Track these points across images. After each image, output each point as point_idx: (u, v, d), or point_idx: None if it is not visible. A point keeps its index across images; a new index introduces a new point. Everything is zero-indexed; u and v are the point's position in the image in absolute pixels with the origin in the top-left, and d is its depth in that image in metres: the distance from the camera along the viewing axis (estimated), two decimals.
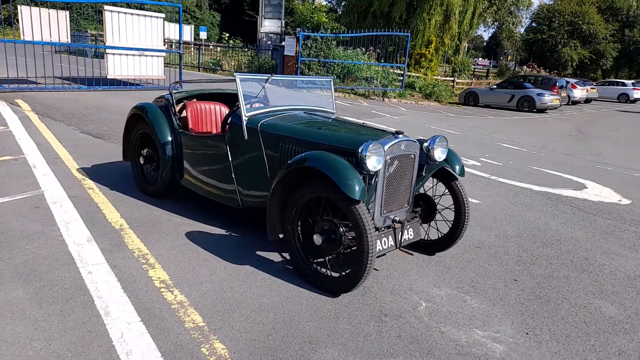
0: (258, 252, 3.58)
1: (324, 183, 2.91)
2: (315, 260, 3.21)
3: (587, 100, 27.35)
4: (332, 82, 4.54)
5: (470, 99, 21.64)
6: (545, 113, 19.83)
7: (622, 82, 31.73)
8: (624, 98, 30.20)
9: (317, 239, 2.96)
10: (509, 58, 67.66)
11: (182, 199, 4.56)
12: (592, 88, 27.92)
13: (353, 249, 2.94)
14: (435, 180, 3.76)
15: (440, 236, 3.72)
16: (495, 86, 21.92)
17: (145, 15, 12.10)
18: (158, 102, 4.55)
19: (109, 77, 11.75)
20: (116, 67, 11.78)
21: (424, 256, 3.72)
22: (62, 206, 4.17)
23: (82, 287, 2.88)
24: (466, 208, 3.53)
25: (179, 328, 2.55)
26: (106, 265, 3.17)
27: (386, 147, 3.02)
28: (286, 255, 3.55)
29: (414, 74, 22.76)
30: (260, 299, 2.90)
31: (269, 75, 3.99)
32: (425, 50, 23.93)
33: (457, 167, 3.57)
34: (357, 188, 2.72)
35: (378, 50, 20.89)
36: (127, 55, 11.92)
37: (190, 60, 22.64)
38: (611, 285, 3.51)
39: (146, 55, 12.35)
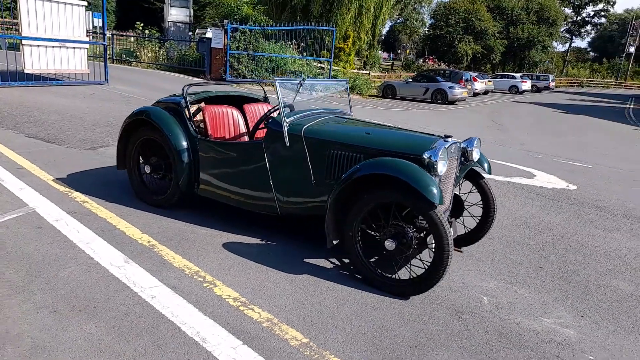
0: (306, 260, 3.55)
1: (400, 189, 2.98)
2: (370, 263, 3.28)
3: (485, 92, 29.97)
4: (347, 83, 4.58)
5: (388, 91, 22.65)
6: (456, 104, 21.40)
7: (512, 75, 35.19)
8: (514, 89, 33.51)
9: (390, 244, 3.03)
10: (407, 52, 71.56)
11: (192, 208, 4.33)
12: (489, 81, 30.62)
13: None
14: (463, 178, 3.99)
15: (466, 231, 3.97)
16: (411, 80, 23.18)
17: (65, 3, 10.94)
18: (163, 107, 4.25)
19: (26, 71, 10.48)
20: (34, 60, 10.54)
21: (455, 252, 3.95)
22: (68, 224, 3.76)
23: (157, 314, 2.67)
24: (494, 205, 3.81)
25: (286, 347, 2.49)
26: (165, 287, 2.96)
27: (448, 151, 3.17)
28: (334, 260, 3.57)
29: (334, 67, 23.25)
30: (342, 308, 2.91)
31: (301, 79, 3.93)
32: (344, 45, 24.52)
33: (486, 166, 3.84)
34: (437, 193, 2.84)
35: (302, 43, 21.00)
36: (46, 47, 10.71)
37: (100, 51, 20.82)
38: (613, 265, 4.02)
39: (68, 47, 11.21)
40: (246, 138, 4.46)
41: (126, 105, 9.65)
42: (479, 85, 27.74)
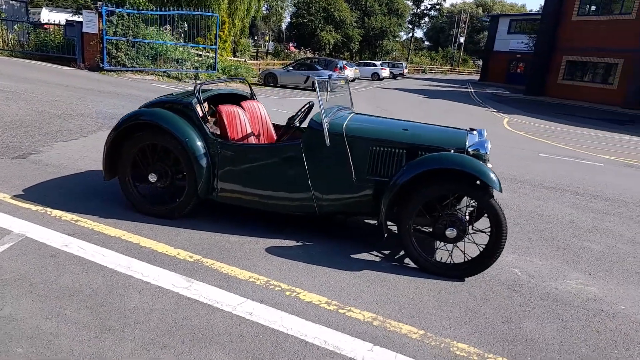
0: (353, 256, 3.64)
1: (461, 181, 3.25)
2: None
3: (353, 80, 31.80)
4: (349, 79, 4.66)
5: (269, 79, 22.72)
6: (334, 92, 22.37)
7: (373, 63, 37.83)
8: (376, 76, 36.11)
9: (451, 232, 3.31)
10: (266, 38, 71.80)
11: (195, 215, 4.06)
12: (355, 69, 32.52)
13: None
14: None
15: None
16: (291, 68, 23.51)
17: None
18: (167, 108, 3.86)
19: None
20: None
21: None
22: (84, 248, 3.27)
23: (271, 331, 2.56)
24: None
25: (410, 341, 2.60)
26: (253, 302, 2.82)
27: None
28: (376, 253, 3.72)
29: (212, 55, 22.46)
30: (424, 297, 3.10)
31: (328, 76, 3.91)
32: (220, 32, 23.75)
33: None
34: (498, 182, 3.18)
35: (180, 30, 19.81)
36: None
37: None
38: (572, 229, 4.86)
39: None
40: (254, 139, 4.29)
41: (11, 102, 8.25)
42: (349, 72, 29.32)
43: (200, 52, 20.77)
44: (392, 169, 3.59)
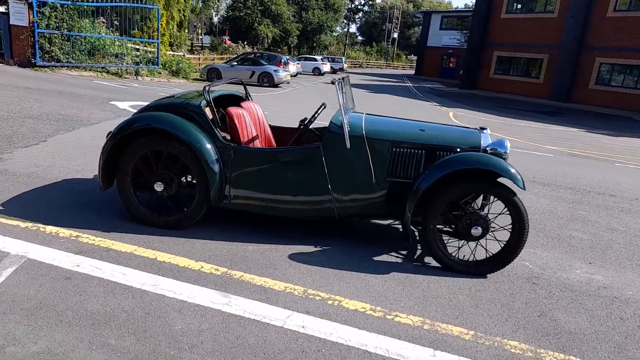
0: (375, 259, 3.62)
1: (486, 180, 3.33)
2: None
3: (295, 75, 31.68)
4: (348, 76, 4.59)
5: (213, 75, 22.06)
6: (280, 87, 22.22)
7: (314, 58, 37.85)
8: (317, 71, 36.20)
9: (476, 231, 3.38)
10: (199, 31, 69.70)
11: (207, 224, 3.86)
12: (297, 64, 32.41)
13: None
14: None
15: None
16: (235, 63, 22.98)
17: None
18: (175, 111, 3.61)
19: None
20: None
21: None
22: (100, 268, 3.00)
23: (332, 344, 2.49)
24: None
25: (466, 343, 2.63)
26: (300, 314, 2.72)
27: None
28: (395, 254, 3.73)
29: (149, 49, 21.43)
30: (458, 296, 3.14)
31: (345, 76, 3.81)
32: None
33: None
34: (522, 180, 3.29)
35: (116, 22, 18.68)
36: None
37: None
38: (553, 220, 5.15)
39: None
40: (258, 142, 4.12)
41: None
42: (293, 67, 29.16)
43: (137, 47, 19.75)
44: (411, 170, 3.61)
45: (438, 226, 3.61)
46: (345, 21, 67.52)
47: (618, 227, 5.08)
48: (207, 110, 3.64)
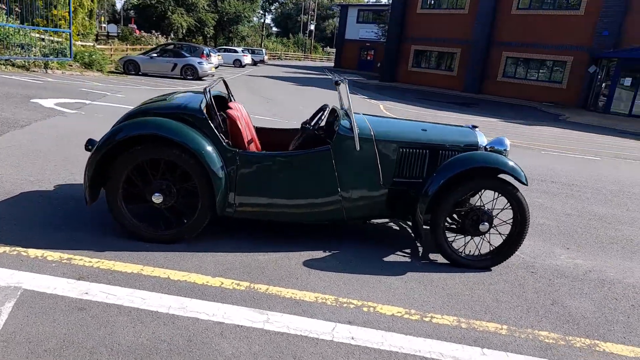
0: (385, 259, 3.63)
1: (491, 178, 3.46)
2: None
3: (217, 67, 30.73)
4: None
5: (130, 67, 20.75)
6: (204, 81, 21.43)
7: (234, 50, 36.96)
8: (238, 63, 35.40)
9: (484, 227, 3.52)
10: (102, 19, 65.06)
11: (210, 234, 3.63)
12: (218, 55, 31.43)
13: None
14: None
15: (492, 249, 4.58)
16: (155, 54, 21.73)
17: None
18: (172, 116, 3.31)
19: None
20: None
21: None
22: (113, 293, 2.70)
23: (394, 355, 2.46)
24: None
25: (505, 337, 2.74)
26: (343, 325, 2.66)
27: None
28: (401, 254, 3.77)
29: (56, 39, 19.58)
30: (476, 291, 3.24)
31: (343, 78, 3.72)
32: (66, 13, 20.76)
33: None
34: (525, 176, 3.47)
35: (17, 9, 16.81)
36: None
37: None
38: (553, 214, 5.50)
39: None
40: (253, 145, 3.93)
41: None
42: (214, 59, 28.24)
43: (42, 36, 17.95)
44: (415, 170, 3.66)
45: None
46: (261, 12, 66.69)
47: (572, 212, 5.56)
48: (210, 114, 3.40)
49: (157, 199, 3.33)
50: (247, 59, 36.35)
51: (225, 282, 2.99)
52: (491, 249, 3.72)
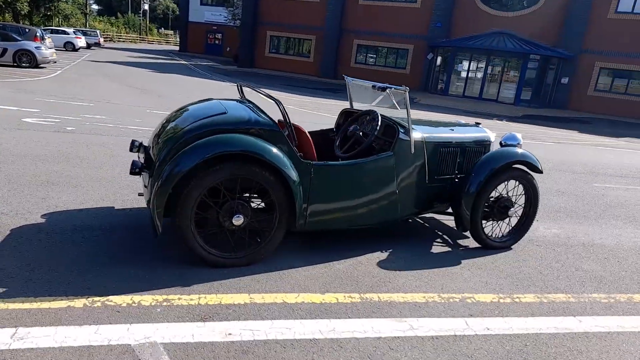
0: (435, 252, 3.93)
1: (515, 169, 3.99)
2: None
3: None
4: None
5: None
6: (45, 68, 18.60)
7: (65, 31, 32.37)
8: (71, 47, 31.17)
9: (511, 212, 4.05)
10: None
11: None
12: (48, 37, 27.26)
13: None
14: None
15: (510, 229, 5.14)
16: None
17: None
18: (242, 131, 3.04)
19: None
20: None
21: None
22: (256, 328, 2.51)
23: (533, 337, 2.80)
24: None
25: (596, 304, 3.30)
26: (468, 319, 2.91)
27: None
28: (437, 243, 4.12)
29: None
30: (531, 270, 3.77)
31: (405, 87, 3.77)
32: None
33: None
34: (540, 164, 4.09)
35: None
36: None
37: None
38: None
39: None
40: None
41: None
42: (48, 43, 24.47)
43: None
44: (451, 168, 4.02)
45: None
46: None
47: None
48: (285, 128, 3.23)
49: (237, 220, 3.08)
50: (82, 41, 32.29)
51: (339, 297, 2.97)
52: (508, 230, 4.30)
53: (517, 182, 4.12)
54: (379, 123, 3.78)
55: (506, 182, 4.29)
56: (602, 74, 23.29)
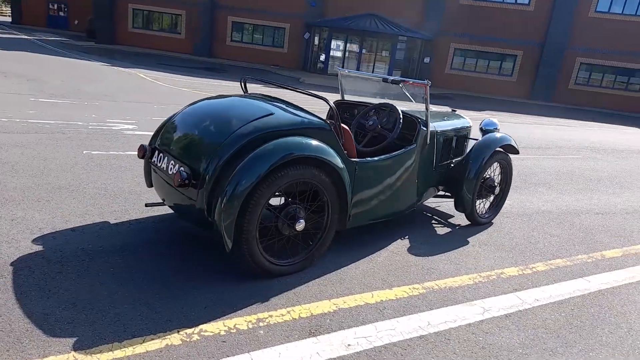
0: (440, 234, 4.19)
1: (503, 151, 4.40)
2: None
3: None
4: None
5: None
6: None
7: None
8: None
9: (496, 190, 4.48)
10: None
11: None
12: None
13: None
14: None
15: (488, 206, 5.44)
16: None
17: None
18: (297, 132, 2.85)
19: None
20: None
21: None
22: (400, 331, 2.46)
23: (598, 293, 3.20)
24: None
25: (596, 264, 3.84)
26: (533, 290, 3.22)
27: None
28: (437, 228, 4.39)
29: None
30: (525, 243, 4.23)
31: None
32: None
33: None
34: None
35: None
36: None
37: None
38: None
39: None
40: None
41: None
42: None
43: None
44: (449, 155, 4.30)
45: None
46: None
47: None
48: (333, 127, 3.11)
49: (299, 225, 2.92)
50: None
51: (407, 290, 3.05)
52: (488, 206, 4.74)
53: (498, 163, 4.57)
54: (401, 117, 3.85)
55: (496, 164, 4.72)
56: (456, 54, 26.16)
